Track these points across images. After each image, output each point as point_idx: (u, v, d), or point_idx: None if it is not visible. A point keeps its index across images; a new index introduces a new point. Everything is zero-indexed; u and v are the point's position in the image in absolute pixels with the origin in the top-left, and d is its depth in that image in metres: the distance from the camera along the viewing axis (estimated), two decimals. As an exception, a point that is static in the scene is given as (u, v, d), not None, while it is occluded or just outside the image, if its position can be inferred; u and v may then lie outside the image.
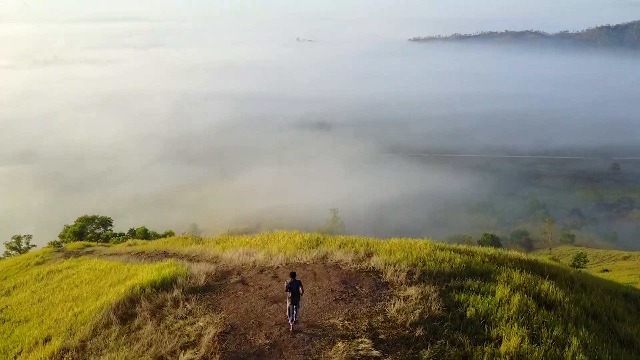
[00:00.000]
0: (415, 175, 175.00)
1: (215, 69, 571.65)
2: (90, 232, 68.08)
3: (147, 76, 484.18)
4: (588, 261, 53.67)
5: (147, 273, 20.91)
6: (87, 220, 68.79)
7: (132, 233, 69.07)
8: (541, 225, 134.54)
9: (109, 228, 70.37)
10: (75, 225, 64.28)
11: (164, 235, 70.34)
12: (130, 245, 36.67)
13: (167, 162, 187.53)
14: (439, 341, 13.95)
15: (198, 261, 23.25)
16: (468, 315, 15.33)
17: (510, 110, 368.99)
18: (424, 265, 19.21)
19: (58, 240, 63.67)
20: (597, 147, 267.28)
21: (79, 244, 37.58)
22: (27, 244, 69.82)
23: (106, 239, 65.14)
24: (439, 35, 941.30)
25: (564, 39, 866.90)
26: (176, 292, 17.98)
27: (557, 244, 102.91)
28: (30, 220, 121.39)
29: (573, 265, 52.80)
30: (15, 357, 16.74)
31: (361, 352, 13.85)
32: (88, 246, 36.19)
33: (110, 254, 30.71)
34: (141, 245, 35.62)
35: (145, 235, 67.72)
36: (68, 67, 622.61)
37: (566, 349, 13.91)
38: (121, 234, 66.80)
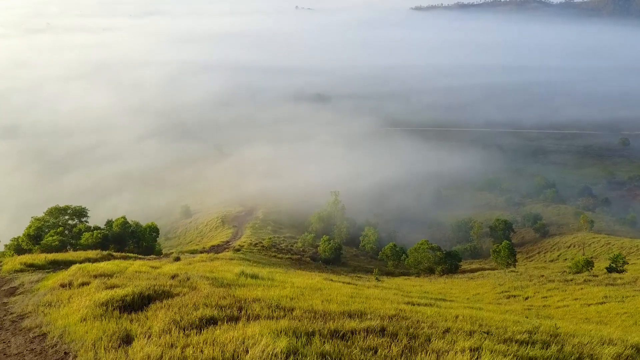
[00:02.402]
0: (418, 152, 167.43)
1: (211, 38, 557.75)
2: (62, 224, 60.53)
3: (141, 45, 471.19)
4: (628, 263, 46.38)
5: None
6: (59, 211, 61.06)
7: (109, 225, 61.46)
8: (552, 206, 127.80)
9: (83, 219, 62.75)
10: (30, 227, 56.61)
11: (147, 229, 62.85)
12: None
13: (157, 137, 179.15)
14: None
15: None
16: None
17: (513, 81, 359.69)
18: None
19: (11, 243, 56.03)
20: (604, 120, 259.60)
21: (17, 261, 29.53)
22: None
23: (78, 235, 57.64)
24: (441, 4, 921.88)
25: (569, 8, 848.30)
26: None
27: (575, 229, 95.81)
28: (9, 202, 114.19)
29: (610, 269, 45.56)
30: None
31: None
32: (30, 266, 28.44)
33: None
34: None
35: (124, 229, 60.09)
36: (60, 35, 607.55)
37: None
38: (96, 228, 59.21)
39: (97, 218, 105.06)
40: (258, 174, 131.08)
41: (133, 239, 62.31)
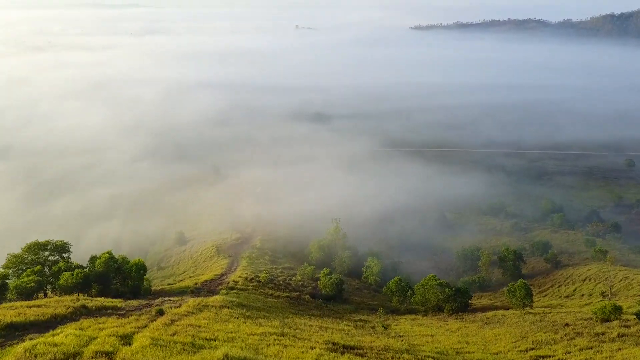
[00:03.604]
0: (420, 175, 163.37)
1: (210, 56, 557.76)
2: (41, 261, 55.82)
3: (139, 64, 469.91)
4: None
5: None
6: (39, 247, 56.35)
7: (93, 263, 56.68)
8: (561, 232, 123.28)
9: (65, 255, 58.09)
10: (5, 266, 52.22)
11: (133, 267, 57.92)
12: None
13: (152, 157, 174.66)
14: None
15: None
16: None
17: (513, 100, 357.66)
18: None
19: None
20: (607, 140, 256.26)
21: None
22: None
23: (58, 274, 52.86)
24: (440, 24, 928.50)
25: (567, 28, 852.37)
26: None
27: (587, 259, 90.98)
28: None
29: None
30: None
31: None
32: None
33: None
34: None
35: (107, 267, 55.20)
36: (60, 53, 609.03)
37: None
38: (77, 267, 54.45)
39: (82, 248, 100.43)
40: (255, 198, 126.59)
41: (119, 276, 57.54)
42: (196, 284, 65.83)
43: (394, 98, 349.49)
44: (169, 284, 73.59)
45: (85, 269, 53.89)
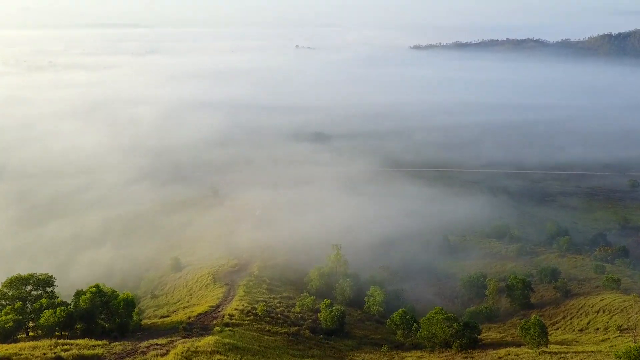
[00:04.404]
0: (422, 197, 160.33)
1: (211, 76, 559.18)
2: (23, 296, 52.34)
3: (139, 83, 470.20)
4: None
5: None
6: (21, 282, 52.89)
7: (78, 298, 53.13)
8: (568, 257, 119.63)
9: (49, 289, 54.60)
10: None
11: (120, 303, 54.21)
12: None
13: (149, 178, 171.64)
14: None
15: None
16: None
17: (514, 120, 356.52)
18: None
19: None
20: (609, 160, 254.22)
21: None
22: None
23: (39, 311, 49.34)
24: (440, 43, 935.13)
25: (565, 48, 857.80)
26: None
27: (598, 287, 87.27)
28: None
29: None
30: None
31: None
32: None
33: None
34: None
35: (92, 304, 51.63)
36: (60, 73, 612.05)
37: None
38: (61, 303, 50.94)
39: (72, 276, 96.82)
40: (254, 222, 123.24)
41: (106, 312, 53.94)
42: (189, 318, 62.10)
43: (394, 117, 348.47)
44: (161, 317, 69.91)
45: (69, 306, 50.41)
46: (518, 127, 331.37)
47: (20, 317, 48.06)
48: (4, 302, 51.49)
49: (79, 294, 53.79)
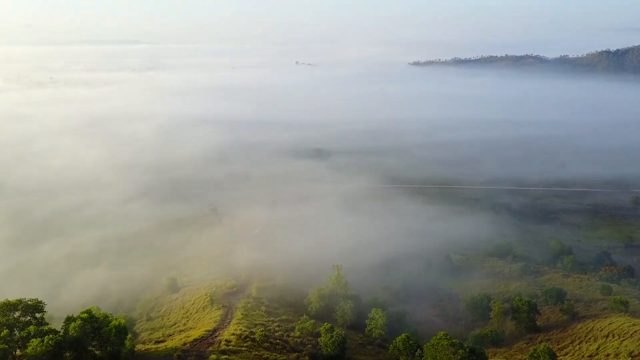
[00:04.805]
0: (423, 214, 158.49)
1: (211, 92, 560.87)
2: (11, 323, 50.23)
3: (139, 99, 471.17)
4: None
5: None
6: (8, 307, 50.83)
7: (68, 324, 51.02)
8: (573, 277, 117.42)
9: (38, 315, 52.52)
10: None
11: (112, 330, 52.03)
12: None
13: (146, 196, 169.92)
14: None
15: None
16: None
17: (513, 136, 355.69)
18: None
19: None
20: (611, 177, 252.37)
21: None
22: None
23: (27, 339, 47.20)
24: (439, 59, 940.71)
25: (564, 64, 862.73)
26: None
27: (606, 309, 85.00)
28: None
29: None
30: None
31: None
32: None
33: None
34: None
35: (83, 331, 49.55)
36: (61, 89, 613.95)
37: None
38: (50, 331, 48.82)
39: (65, 298, 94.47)
40: (253, 241, 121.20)
41: (98, 339, 51.76)
42: (185, 344, 59.90)
43: (394, 134, 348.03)
44: (156, 342, 67.65)
45: (58, 335, 48.28)
46: (518, 143, 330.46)
47: (6, 345, 45.95)
48: (-10, 329, 49.38)
49: (69, 320, 51.70)
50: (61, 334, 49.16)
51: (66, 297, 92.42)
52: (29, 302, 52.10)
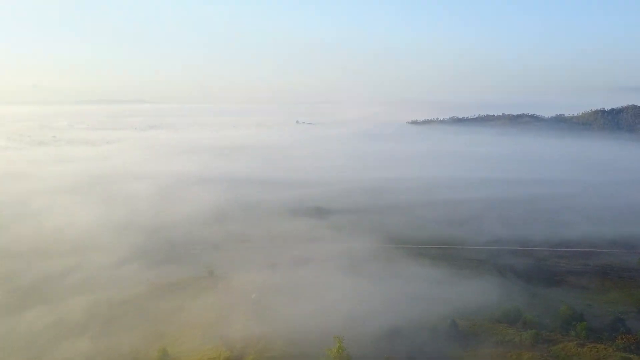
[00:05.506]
0: (426, 278, 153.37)
1: (212, 151, 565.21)
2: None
3: (139, 158, 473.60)
4: None
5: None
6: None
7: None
8: (589, 346, 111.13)
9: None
10: None
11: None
12: None
13: (140, 258, 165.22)
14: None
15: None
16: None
17: (514, 195, 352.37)
18: None
19: None
20: (616, 237, 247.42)
21: None
22: None
23: None
24: (437, 118, 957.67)
25: (560, 122, 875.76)
26: None
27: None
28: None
29: None
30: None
31: None
32: None
33: None
34: None
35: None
36: (63, 147, 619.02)
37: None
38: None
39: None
40: (250, 307, 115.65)
41: None
42: None
43: (394, 192, 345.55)
44: None
45: None
46: (519, 201, 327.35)
47: None
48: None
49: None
50: None
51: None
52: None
